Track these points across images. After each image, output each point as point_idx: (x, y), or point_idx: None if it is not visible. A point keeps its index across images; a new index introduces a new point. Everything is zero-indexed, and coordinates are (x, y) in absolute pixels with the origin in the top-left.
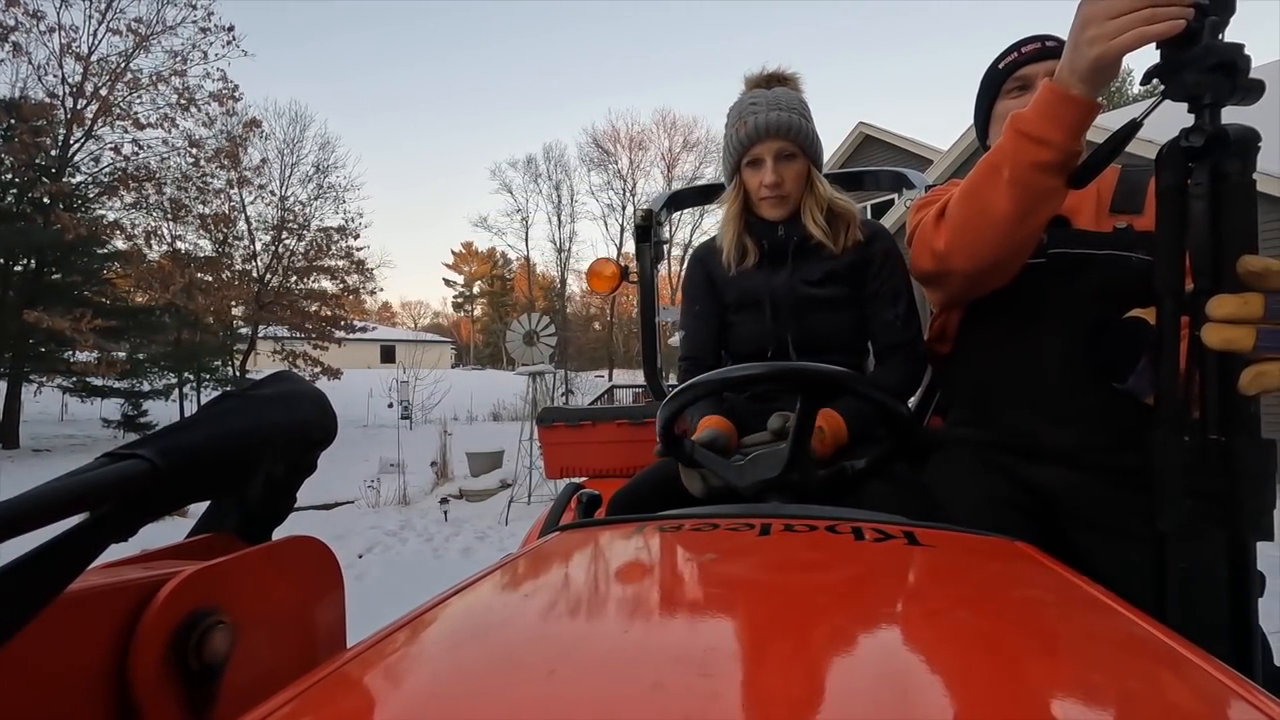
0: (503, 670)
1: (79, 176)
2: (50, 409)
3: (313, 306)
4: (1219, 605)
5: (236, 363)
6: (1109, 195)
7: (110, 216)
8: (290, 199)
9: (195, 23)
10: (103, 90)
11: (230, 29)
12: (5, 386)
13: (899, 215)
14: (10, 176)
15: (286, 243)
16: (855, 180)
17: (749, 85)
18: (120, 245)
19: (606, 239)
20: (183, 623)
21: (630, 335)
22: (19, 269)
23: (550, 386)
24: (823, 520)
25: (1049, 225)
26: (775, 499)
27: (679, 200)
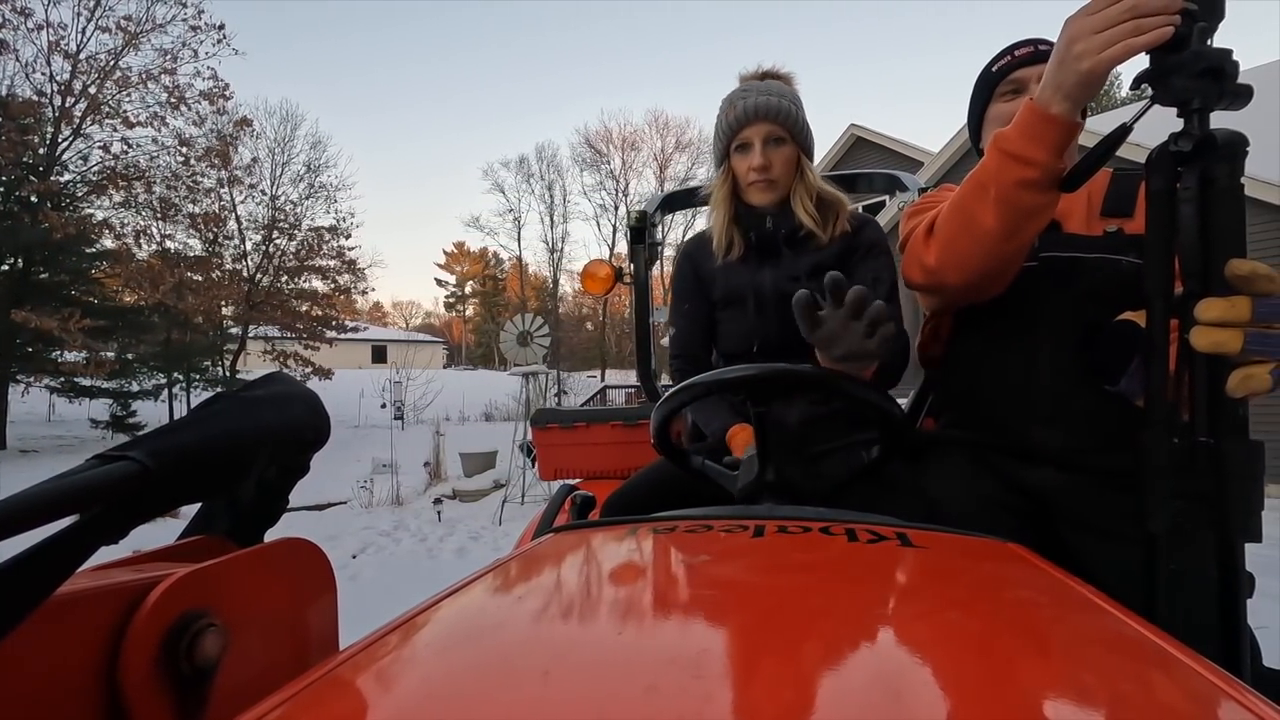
0: (496, 672)
1: (67, 175)
2: (37, 409)
3: (304, 306)
4: (1208, 606)
5: (226, 363)
6: (1100, 199)
7: (99, 215)
8: (281, 198)
9: (185, 21)
10: (91, 88)
11: (221, 27)
12: None
13: (892, 215)
14: None
15: (277, 242)
16: (849, 182)
17: (742, 81)
18: (109, 244)
19: (599, 239)
20: (174, 625)
21: (622, 335)
22: (6, 268)
23: (543, 387)
24: (816, 522)
25: (1048, 228)
26: (769, 501)
27: (673, 202)
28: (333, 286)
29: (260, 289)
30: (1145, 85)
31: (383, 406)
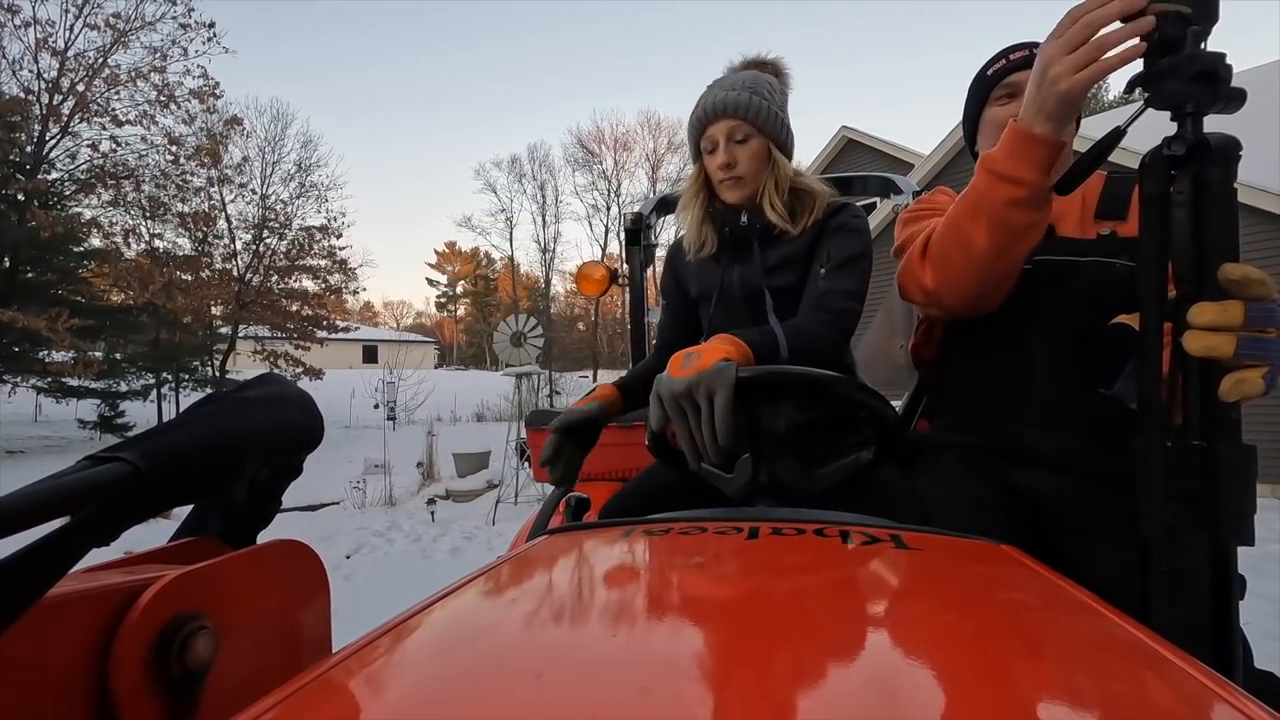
0: (490, 674)
1: (55, 173)
2: (24, 410)
3: (294, 306)
4: (1201, 608)
5: (216, 363)
6: (1094, 202)
7: (87, 214)
8: (272, 197)
9: (175, 19)
10: (80, 86)
11: (211, 25)
12: None
13: (884, 215)
14: None
15: (268, 241)
16: (844, 184)
17: (734, 68)
18: (97, 243)
19: (591, 239)
20: (165, 628)
21: (614, 336)
22: None
23: (536, 387)
24: (810, 523)
25: None
26: (763, 503)
27: (669, 204)
28: (323, 286)
29: (250, 288)
30: (1137, 89)
31: (375, 407)
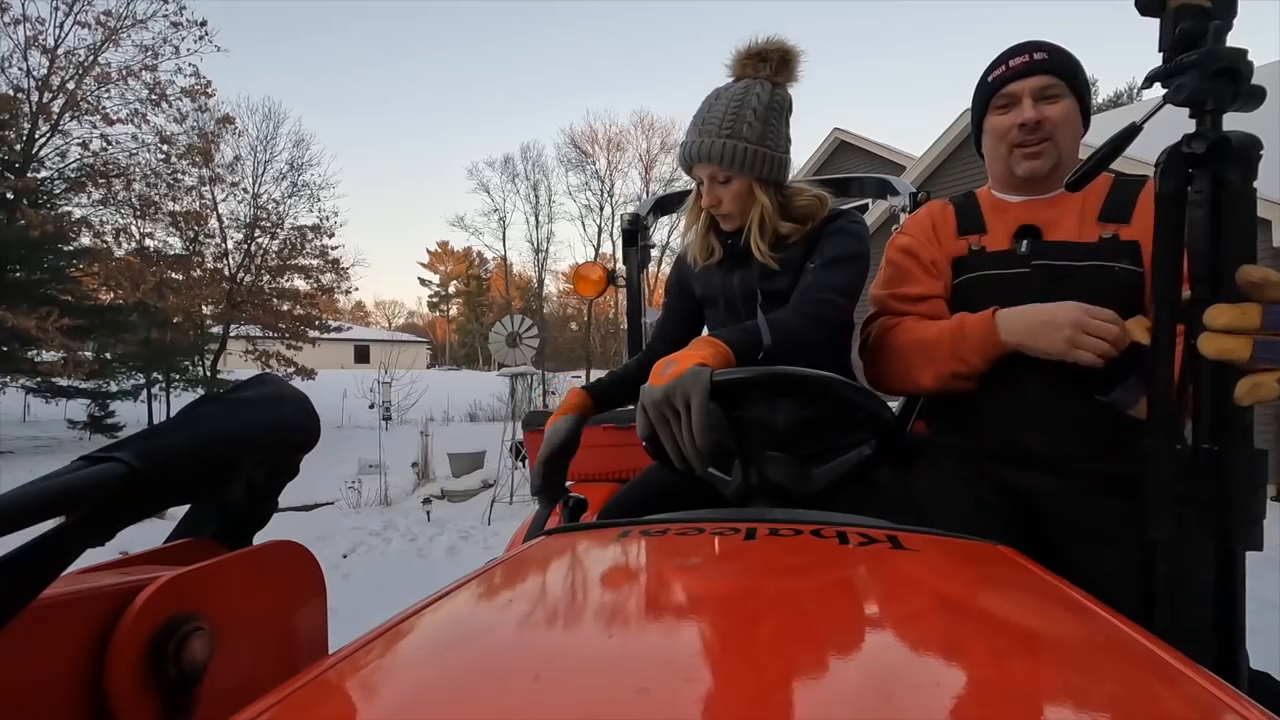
0: (487, 675)
1: (45, 172)
2: (12, 410)
3: (286, 305)
4: (1206, 612)
5: (207, 363)
6: (1097, 203)
7: (77, 213)
8: (263, 196)
9: (166, 17)
10: (70, 84)
11: (203, 24)
12: None
13: (878, 215)
14: None
15: (259, 241)
16: (841, 186)
17: (732, 67)
18: (87, 242)
19: (584, 240)
20: (160, 629)
21: (607, 336)
22: None
23: (529, 388)
24: (808, 524)
25: (1028, 236)
26: (761, 503)
27: (665, 204)
28: (315, 286)
29: (242, 288)
30: (1140, 88)
31: (371, 407)
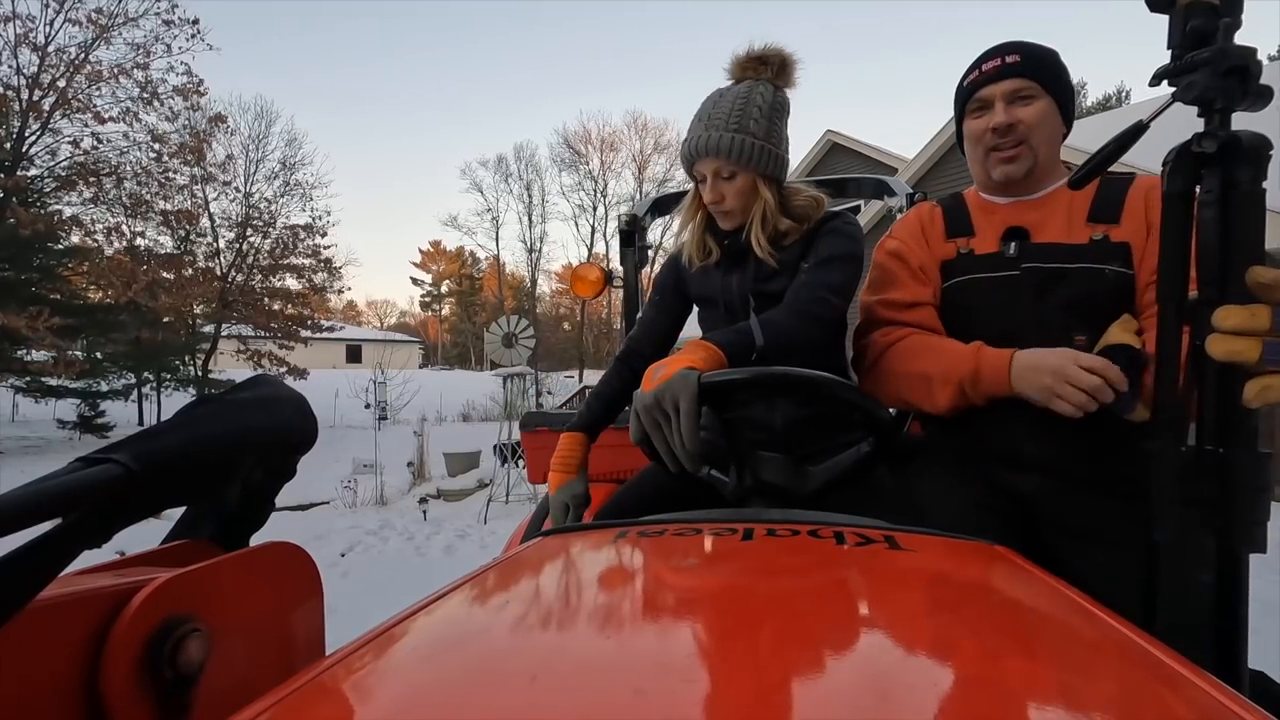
0: (484, 676)
1: (35, 170)
2: (1, 409)
3: (278, 305)
4: (1208, 613)
5: (198, 363)
6: (1085, 203)
7: (68, 212)
8: (255, 195)
9: (158, 14)
10: (60, 82)
11: (195, 22)
12: None
13: (873, 214)
14: None
15: (251, 240)
16: (838, 187)
17: (731, 70)
18: (77, 241)
19: (577, 239)
20: (156, 631)
21: (600, 336)
22: None
23: (523, 388)
24: (805, 525)
25: (1016, 238)
26: (758, 504)
27: (663, 205)
28: (307, 285)
29: (234, 287)
30: (1149, 84)
31: (366, 407)
